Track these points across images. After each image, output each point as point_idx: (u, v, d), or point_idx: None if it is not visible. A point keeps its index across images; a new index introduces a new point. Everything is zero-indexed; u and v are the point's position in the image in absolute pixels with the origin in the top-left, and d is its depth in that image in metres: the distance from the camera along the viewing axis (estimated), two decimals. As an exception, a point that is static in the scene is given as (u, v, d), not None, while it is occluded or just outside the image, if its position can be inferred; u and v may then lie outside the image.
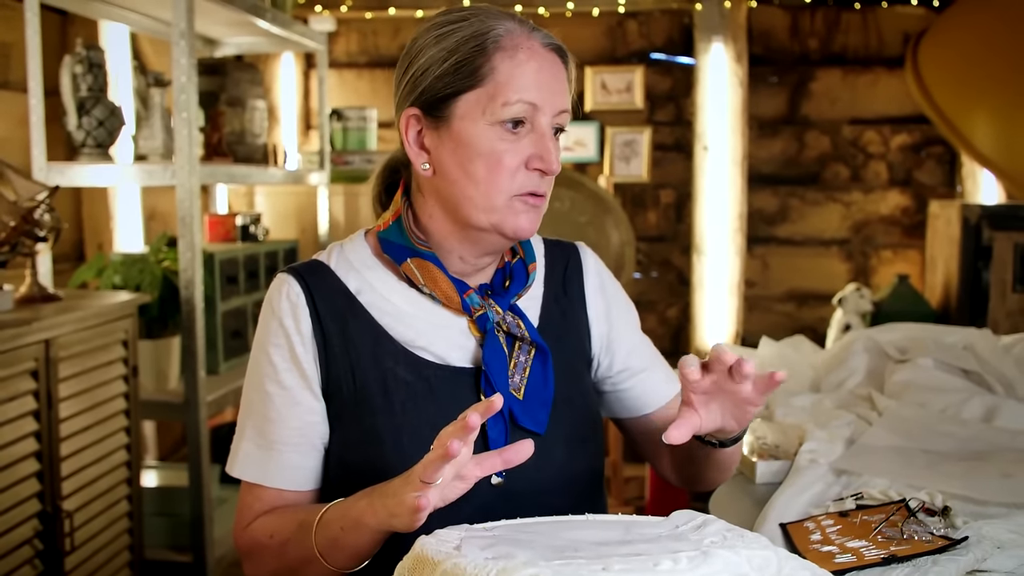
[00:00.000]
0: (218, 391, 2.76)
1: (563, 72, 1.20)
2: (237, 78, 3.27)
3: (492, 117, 1.15)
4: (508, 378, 1.20)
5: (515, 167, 1.16)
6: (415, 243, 1.23)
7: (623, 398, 1.40)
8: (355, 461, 1.18)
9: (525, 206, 1.18)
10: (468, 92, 1.16)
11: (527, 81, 1.15)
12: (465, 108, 1.16)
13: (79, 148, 2.64)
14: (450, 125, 1.17)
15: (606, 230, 3.97)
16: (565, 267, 1.38)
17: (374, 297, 1.23)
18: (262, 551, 1.18)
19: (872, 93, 4.46)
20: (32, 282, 2.26)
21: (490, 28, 1.16)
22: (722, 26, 4.12)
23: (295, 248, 3.54)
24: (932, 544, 1.23)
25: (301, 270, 1.24)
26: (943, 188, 4.49)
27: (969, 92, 1.61)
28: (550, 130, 1.18)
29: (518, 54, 1.15)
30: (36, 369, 2.02)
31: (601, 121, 4.53)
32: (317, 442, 1.21)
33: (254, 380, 1.23)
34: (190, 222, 2.55)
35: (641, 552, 0.91)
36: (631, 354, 1.39)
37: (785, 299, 4.63)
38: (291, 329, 1.20)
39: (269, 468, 1.20)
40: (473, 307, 1.22)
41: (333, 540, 1.09)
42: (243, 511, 1.22)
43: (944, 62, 1.62)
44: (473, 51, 1.15)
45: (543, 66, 1.17)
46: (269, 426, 1.20)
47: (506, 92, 1.14)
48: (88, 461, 2.23)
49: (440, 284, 1.22)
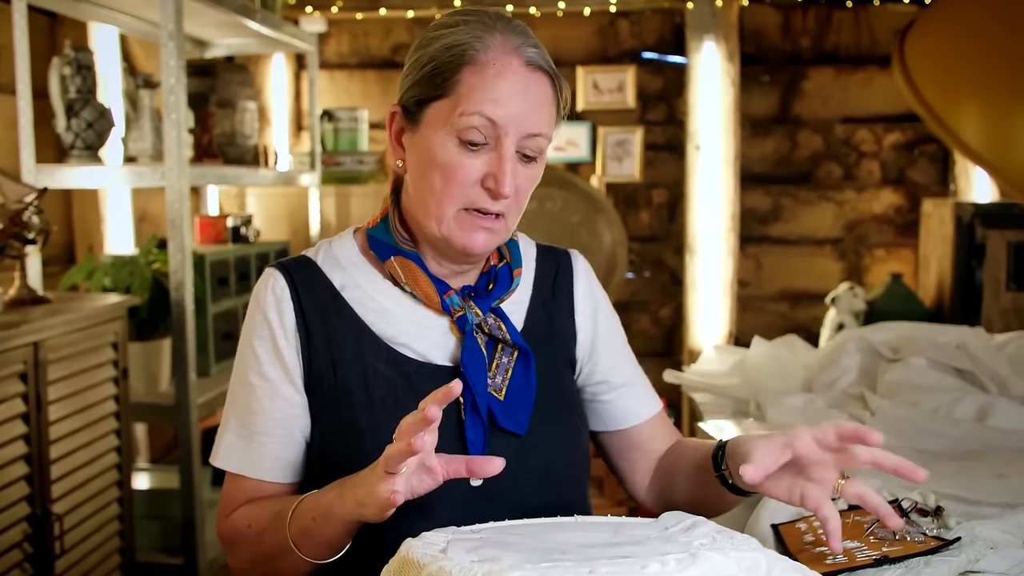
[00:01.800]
0: (209, 393, 2.75)
1: (544, 93, 1.17)
2: (227, 79, 3.26)
3: (451, 128, 1.14)
4: (488, 379, 1.21)
5: (469, 183, 1.15)
6: (399, 242, 1.24)
7: (599, 411, 1.39)
8: (335, 455, 1.19)
9: (472, 224, 1.16)
10: (436, 101, 1.15)
11: (489, 96, 1.12)
12: (432, 116, 1.16)
13: (68, 150, 2.62)
14: (419, 130, 1.18)
15: (598, 230, 3.96)
16: (556, 272, 1.38)
17: (358, 294, 1.24)
18: (241, 540, 1.20)
19: (864, 92, 4.46)
20: (21, 285, 2.25)
21: (472, 39, 1.14)
22: (714, 25, 4.12)
23: (286, 249, 3.53)
24: (925, 545, 1.22)
25: (288, 265, 1.25)
26: (936, 187, 4.50)
27: (958, 86, 1.59)
28: (512, 152, 1.15)
29: (487, 69, 1.13)
30: (25, 372, 2.01)
31: (593, 121, 4.53)
32: (298, 435, 1.22)
33: (239, 372, 1.25)
34: (180, 224, 2.54)
35: (629, 554, 0.90)
36: (613, 368, 1.38)
37: (778, 299, 4.62)
38: (275, 322, 1.21)
39: (250, 458, 1.21)
40: (453, 308, 1.22)
41: (305, 530, 1.10)
42: (225, 501, 1.24)
43: (932, 55, 1.61)
44: (447, 60, 1.14)
45: (516, 85, 1.14)
46: (251, 417, 1.21)
47: (465, 104, 1.13)
48: (78, 464, 2.22)
49: (421, 283, 1.22)
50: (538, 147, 1.17)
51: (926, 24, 1.70)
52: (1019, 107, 1.58)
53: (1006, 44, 1.61)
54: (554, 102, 1.19)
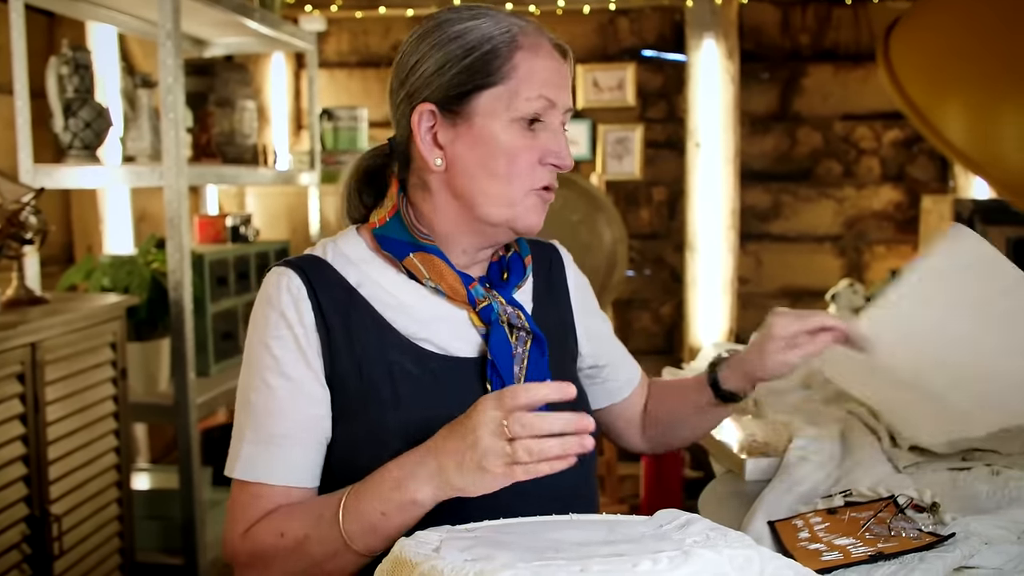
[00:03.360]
0: (208, 393, 2.75)
1: (568, 72, 1.24)
2: (226, 78, 3.26)
3: (513, 113, 1.17)
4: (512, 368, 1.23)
5: (533, 163, 1.20)
6: (418, 237, 1.23)
7: (595, 392, 1.48)
8: (362, 456, 1.15)
9: (539, 201, 1.23)
10: (489, 89, 1.18)
11: (546, 78, 1.19)
12: (485, 104, 1.18)
13: (66, 150, 2.62)
14: (470, 121, 1.19)
15: (598, 228, 3.96)
16: (550, 263, 1.42)
17: (375, 290, 1.23)
18: (272, 555, 1.13)
19: (864, 89, 4.45)
20: (18, 285, 2.25)
21: (509, 26, 1.19)
22: (713, 22, 4.12)
23: (286, 249, 3.53)
24: (920, 541, 1.22)
25: (299, 263, 1.23)
26: (936, 183, 4.49)
27: (942, 83, 1.59)
28: (561, 127, 1.22)
29: (539, 52, 1.19)
30: (22, 373, 2.01)
31: (593, 119, 4.52)
32: (321, 437, 1.19)
33: (252, 378, 1.19)
34: (178, 223, 2.54)
35: (623, 552, 0.90)
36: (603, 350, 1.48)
37: (779, 296, 4.62)
38: (294, 321, 1.18)
39: (274, 464, 1.16)
40: (478, 299, 1.24)
41: (372, 527, 1.07)
42: (240, 515, 1.16)
43: (916, 53, 1.60)
44: (495, 48, 1.18)
45: (555, 65, 1.21)
46: (271, 420, 1.16)
47: (528, 88, 1.17)
48: (76, 464, 2.22)
49: (446, 277, 1.23)
50: (568, 119, 1.25)
51: (911, 21, 1.70)
52: (1003, 105, 1.57)
53: (991, 41, 1.61)
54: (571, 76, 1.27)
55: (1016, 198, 1.62)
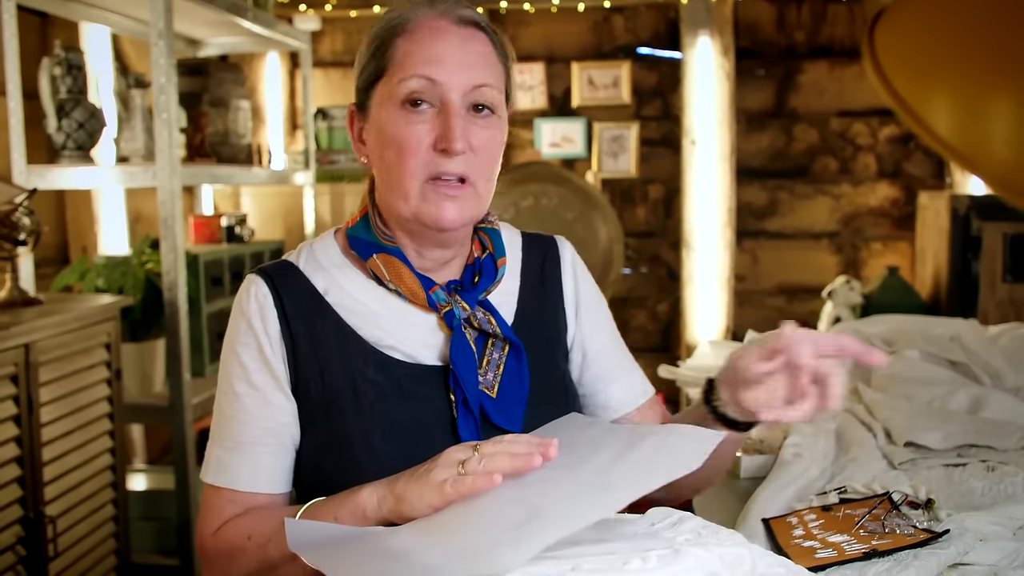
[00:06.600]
0: (204, 394, 2.75)
1: (481, 46, 1.16)
2: (220, 78, 3.25)
3: (394, 99, 1.14)
4: (479, 376, 1.18)
5: (421, 149, 1.13)
6: (381, 239, 1.21)
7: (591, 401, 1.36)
8: (326, 463, 1.16)
9: (438, 194, 1.14)
10: (379, 80, 1.17)
11: (423, 56, 1.13)
12: (377, 96, 1.17)
13: (59, 151, 2.62)
14: (369, 115, 1.19)
15: (594, 226, 3.95)
16: (543, 259, 1.36)
17: (342, 296, 1.21)
18: (239, 553, 1.15)
19: (859, 85, 4.45)
20: (12, 286, 2.24)
21: (400, 14, 1.17)
22: (708, 20, 4.11)
23: (281, 249, 3.52)
24: (914, 537, 1.22)
25: (269, 271, 1.22)
26: (932, 179, 4.49)
27: (929, 76, 1.57)
28: (461, 107, 1.14)
29: (416, 33, 1.15)
30: (16, 374, 2.01)
31: (588, 117, 4.52)
32: (288, 443, 1.19)
33: (224, 382, 1.21)
34: (172, 223, 2.54)
35: (614, 551, 0.90)
36: (603, 356, 1.36)
37: (775, 293, 4.62)
38: (259, 330, 1.18)
39: (241, 471, 1.17)
40: (439, 303, 1.20)
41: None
42: (211, 515, 1.19)
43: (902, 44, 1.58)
44: (382, 38, 1.17)
45: (451, 43, 1.14)
46: (239, 428, 1.18)
47: (403, 70, 1.14)
48: (71, 466, 2.22)
49: (405, 280, 1.20)
50: (488, 99, 1.16)
51: (896, 12, 1.68)
52: (992, 97, 1.56)
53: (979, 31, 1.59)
54: (496, 54, 1.19)
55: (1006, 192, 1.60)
